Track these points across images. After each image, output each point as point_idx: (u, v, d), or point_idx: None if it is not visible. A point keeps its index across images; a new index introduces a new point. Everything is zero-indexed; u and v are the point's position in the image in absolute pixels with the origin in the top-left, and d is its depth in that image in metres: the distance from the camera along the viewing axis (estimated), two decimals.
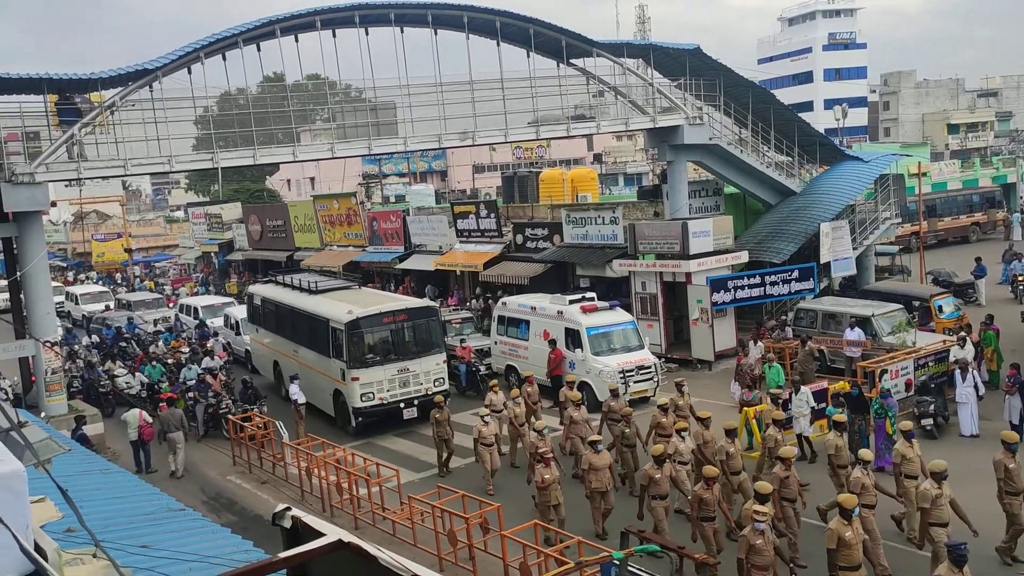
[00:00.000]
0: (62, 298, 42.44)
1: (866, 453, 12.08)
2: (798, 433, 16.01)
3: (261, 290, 25.97)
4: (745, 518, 10.33)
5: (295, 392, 20.17)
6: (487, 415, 16.01)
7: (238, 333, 28.80)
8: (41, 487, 4.72)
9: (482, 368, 22.77)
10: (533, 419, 16.97)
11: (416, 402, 19.74)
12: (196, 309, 33.67)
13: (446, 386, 20.24)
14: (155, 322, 34.04)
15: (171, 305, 38.67)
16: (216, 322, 31.10)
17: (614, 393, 17.19)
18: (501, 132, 25.12)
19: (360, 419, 19.44)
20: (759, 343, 20.82)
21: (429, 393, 19.52)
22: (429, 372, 19.94)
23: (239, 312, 29.55)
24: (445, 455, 17.12)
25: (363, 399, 19.28)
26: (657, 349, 23.11)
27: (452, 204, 35.85)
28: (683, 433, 13.99)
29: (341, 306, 20.23)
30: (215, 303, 34.35)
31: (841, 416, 13.95)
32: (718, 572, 9.55)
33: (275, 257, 44.44)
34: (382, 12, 23.09)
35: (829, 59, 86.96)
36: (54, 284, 47.20)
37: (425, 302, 22.39)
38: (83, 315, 38.77)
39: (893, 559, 11.34)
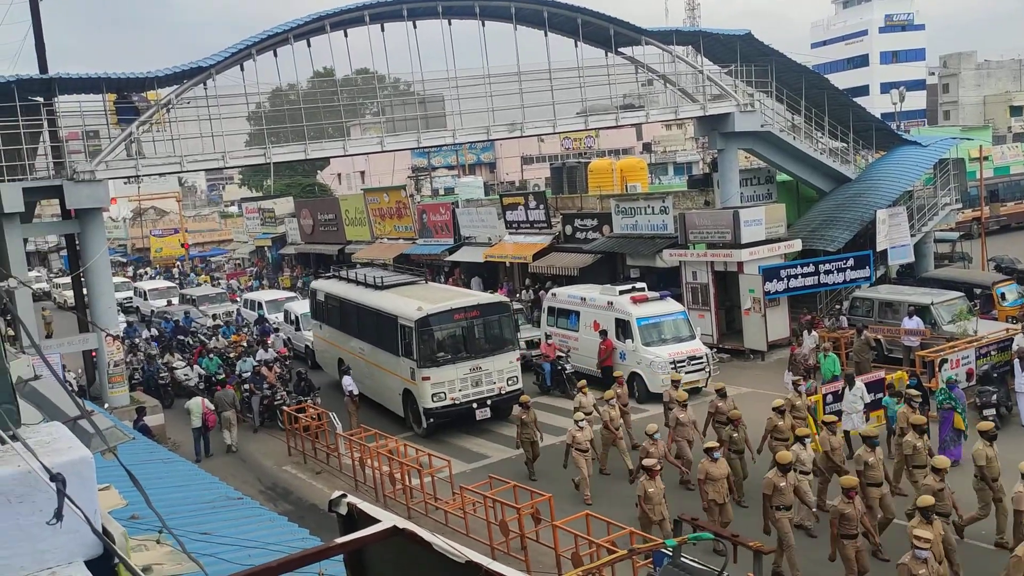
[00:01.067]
0: (130, 293, 43.39)
1: (942, 460, 11.56)
2: (846, 429, 15.62)
3: (324, 285, 25.36)
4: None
5: (348, 384, 20.42)
6: (582, 420, 14.98)
7: (298, 328, 28.50)
8: (105, 476, 4.87)
9: (568, 367, 21.63)
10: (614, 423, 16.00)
11: (489, 402, 18.96)
12: (260, 304, 33.43)
13: (520, 385, 19.45)
14: (214, 316, 34.46)
15: (235, 300, 38.97)
16: (277, 317, 30.89)
17: (721, 393, 15.75)
18: (549, 123, 25.07)
19: (431, 420, 18.77)
20: (813, 332, 20.50)
21: (502, 393, 18.96)
22: (502, 371, 19.17)
23: (299, 307, 29.27)
24: (532, 458, 16.26)
25: (434, 399, 18.57)
26: (708, 339, 22.89)
27: (501, 196, 35.91)
28: (805, 440, 13.06)
29: (410, 302, 19.52)
30: (278, 297, 33.91)
31: (921, 418, 13.27)
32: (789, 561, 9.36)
33: (327, 251, 45.01)
34: (430, 5, 23.18)
35: (885, 41, 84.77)
36: (123, 280, 48.53)
37: (498, 297, 21.59)
38: (152, 311, 38.91)
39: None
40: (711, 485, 12.27)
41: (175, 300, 39.69)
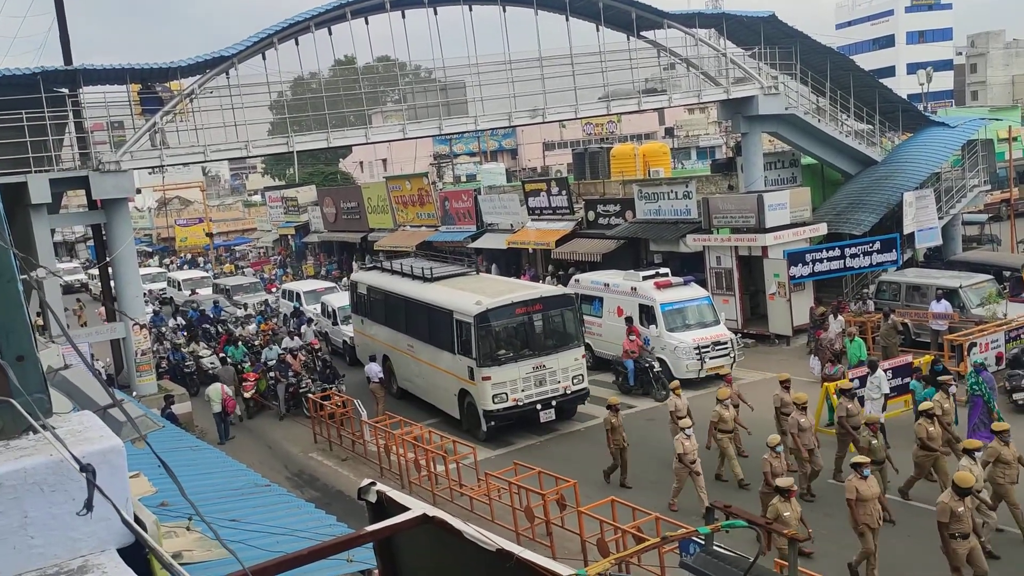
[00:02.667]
0: (164, 284, 43.27)
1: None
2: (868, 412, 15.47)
3: (366, 277, 24.16)
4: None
5: (374, 370, 20.49)
6: (690, 427, 13.47)
7: (335, 322, 27.15)
8: (135, 463, 4.91)
9: (655, 365, 19.85)
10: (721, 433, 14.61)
11: (554, 403, 17.67)
12: (298, 295, 32.16)
13: (585, 384, 18.31)
14: (244, 306, 34.33)
15: (272, 290, 38.22)
16: (314, 308, 29.85)
17: (848, 394, 14.04)
18: (571, 108, 24.94)
19: (492, 423, 17.43)
20: (839, 317, 20.31)
21: (568, 392, 17.82)
22: (567, 369, 17.83)
23: (336, 299, 28.02)
24: (621, 465, 15.01)
25: (495, 400, 17.23)
26: (733, 324, 22.77)
27: (523, 182, 35.81)
28: (976, 453, 11.53)
29: (466, 296, 18.27)
30: (317, 288, 32.58)
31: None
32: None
33: (350, 239, 45.18)
34: None
35: (912, 21, 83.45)
36: (157, 270, 48.70)
37: (561, 290, 19.73)
38: (187, 301, 38.47)
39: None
40: (862, 507, 10.77)
41: (202, 290, 39.10)
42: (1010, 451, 11.42)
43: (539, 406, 17.52)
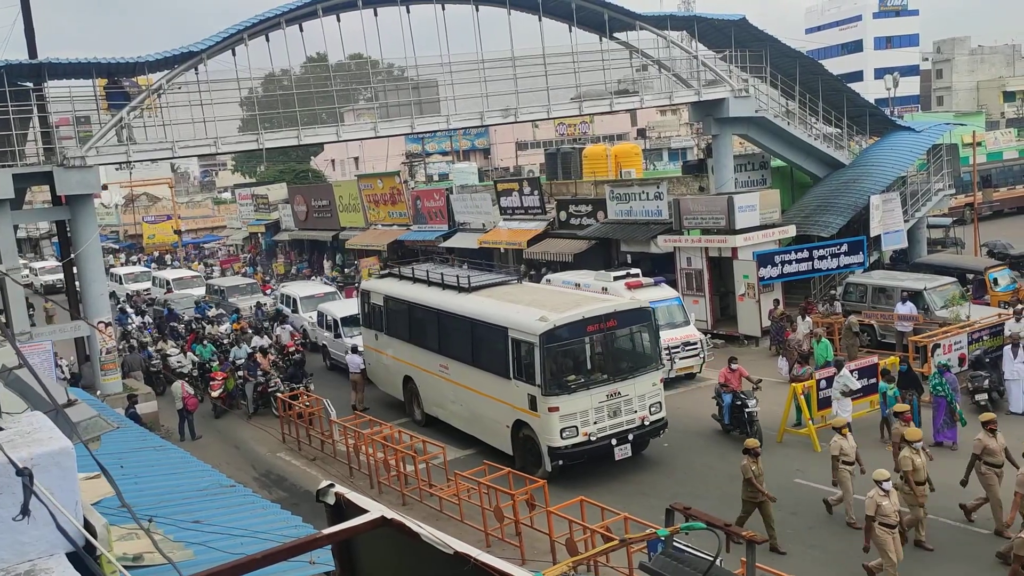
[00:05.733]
0: (149, 284, 40.98)
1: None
2: (835, 413, 15.68)
3: (381, 286, 21.01)
4: None
5: (355, 362, 20.33)
6: (885, 480, 10.61)
7: (337, 335, 24.19)
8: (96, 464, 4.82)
9: (752, 403, 16.13)
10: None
11: (630, 436, 15.00)
12: (294, 300, 29.36)
13: (663, 413, 15.63)
14: (237, 310, 32.13)
15: (267, 292, 35.90)
16: (311, 316, 27.28)
17: (989, 426, 11.77)
18: (544, 108, 24.96)
19: (559, 462, 14.64)
20: (807, 318, 20.54)
21: (645, 424, 15.18)
22: (644, 396, 15.22)
23: (337, 308, 25.20)
24: (767, 521, 11.97)
25: (564, 435, 14.51)
26: (703, 325, 22.92)
27: (495, 182, 35.79)
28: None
29: (525, 310, 15.59)
30: (315, 293, 29.62)
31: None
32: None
33: (321, 237, 44.91)
34: None
35: (879, 27, 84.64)
36: (140, 269, 46.93)
37: (637, 303, 16.32)
38: (151, 298, 36.15)
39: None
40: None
41: (201, 291, 36.69)
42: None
43: (614, 441, 14.87)
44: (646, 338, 15.64)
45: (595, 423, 14.70)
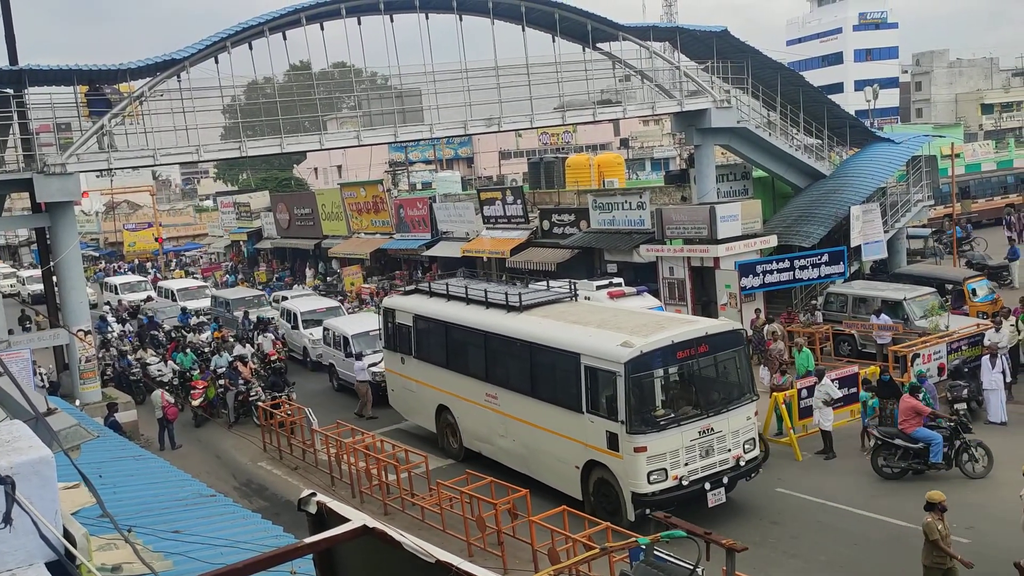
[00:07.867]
0: (148, 294, 38.71)
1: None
2: (816, 423, 15.85)
3: (407, 304, 18.81)
4: None
5: (361, 370, 20.26)
6: (941, 502, 9.75)
7: (348, 355, 21.96)
8: (76, 473, 4.79)
9: (961, 426, 14.22)
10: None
11: (725, 479, 13.08)
12: (295, 315, 27.18)
13: (758, 450, 13.86)
14: (197, 313, 32.16)
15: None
16: (313, 333, 25.41)
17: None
18: (527, 118, 25.03)
19: (646, 510, 12.02)
20: (774, 324, 20.73)
21: (740, 464, 13.25)
22: (738, 431, 13.29)
23: (348, 325, 23.14)
24: None
25: (651, 479, 12.54)
26: None
27: (478, 191, 35.84)
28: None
29: (599, 333, 13.66)
30: (318, 308, 27.31)
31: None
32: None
33: (303, 245, 44.79)
34: None
35: (860, 39, 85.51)
36: (138, 278, 44.52)
37: (729, 324, 14.83)
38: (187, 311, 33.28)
39: None
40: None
41: (207, 301, 34.62)
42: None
43: (707, 484, 12.88)
44: (740, 365, 13.75)
45: (686, 464, 12.74)
